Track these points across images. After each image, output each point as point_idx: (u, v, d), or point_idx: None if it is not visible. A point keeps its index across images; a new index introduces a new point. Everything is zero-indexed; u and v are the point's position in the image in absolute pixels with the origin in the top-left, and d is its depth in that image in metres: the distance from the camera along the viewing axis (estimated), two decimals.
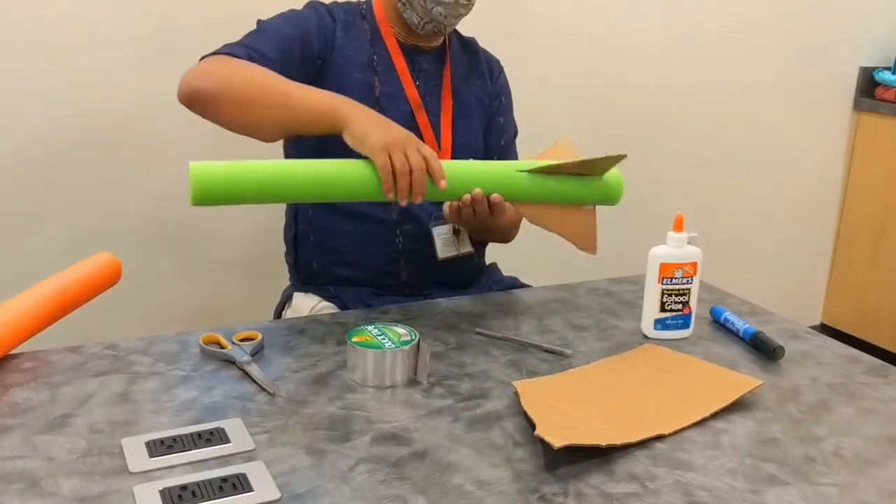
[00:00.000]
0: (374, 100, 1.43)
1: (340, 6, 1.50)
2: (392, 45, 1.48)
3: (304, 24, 1.41)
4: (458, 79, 1.53)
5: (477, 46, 1.61)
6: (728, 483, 0.88)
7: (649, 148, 2.46)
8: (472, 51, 1.59)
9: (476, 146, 1.55)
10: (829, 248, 2.98)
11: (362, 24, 1.49)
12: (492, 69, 1.61)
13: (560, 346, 1.20)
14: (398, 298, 1.42)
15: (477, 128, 1.56)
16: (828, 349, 1.23)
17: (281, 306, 1.57)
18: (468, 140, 1.53)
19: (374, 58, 1.46)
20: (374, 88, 1.44)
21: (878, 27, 2.79)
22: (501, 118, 1.63)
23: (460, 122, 1.52)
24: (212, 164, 1.14)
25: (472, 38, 1.62)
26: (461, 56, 1.56)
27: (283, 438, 0.94)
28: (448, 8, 1.41)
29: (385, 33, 1.48)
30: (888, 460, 0.94)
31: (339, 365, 1.13)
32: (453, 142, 1.50)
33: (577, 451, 0.90)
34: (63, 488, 0.84)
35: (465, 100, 1.54)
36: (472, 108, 1.55)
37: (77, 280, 1.23)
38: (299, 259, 1.53)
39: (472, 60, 1.58)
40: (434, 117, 1.49)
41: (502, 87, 1.62)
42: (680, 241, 1.21)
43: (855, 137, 2.86)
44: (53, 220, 1.81)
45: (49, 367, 1.10)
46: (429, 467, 0.89)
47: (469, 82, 1.55)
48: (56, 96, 1.76)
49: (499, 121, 1.62)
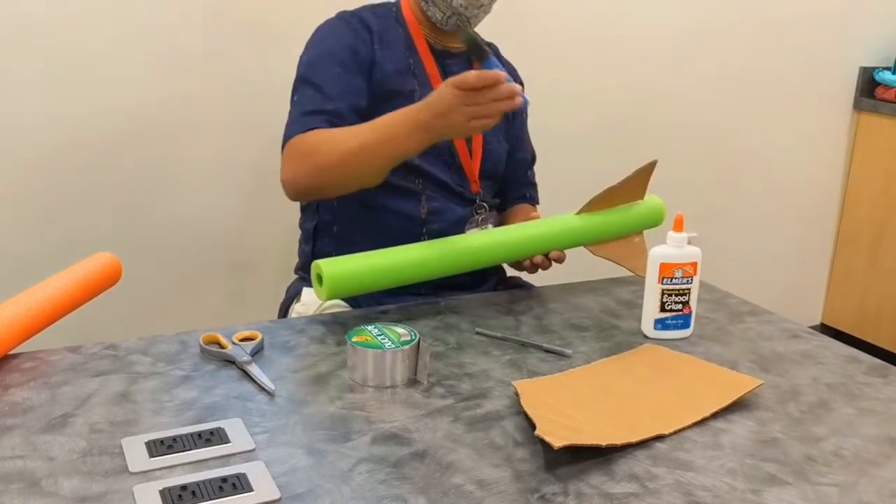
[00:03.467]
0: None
1: (372, 11, 1.50)
2: (423, 48, 1.49)
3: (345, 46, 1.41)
4: None
5: (499, 54, 1.62)
6: (728, 483, 0.88)
7: (649, 148, 2.45)
8: (496, 55, 1.59)
9: (501, 151, 1.58)
10: (829, 248, 2.98)
11: (396, 28, 1.49)
12: (514, 79, 1.60)
13: (560, 346, 1.20)
14: (412, 298, 1.42)
15: (499, 132, 1.58)
16: (828, 349, 1.23)
17: (288, 301, 1.56)
18: (493, 146, 1.55)
19: (410, 62, 1.47)
20: (415, 93, 1.44)
21: (878, 27, 2.79)
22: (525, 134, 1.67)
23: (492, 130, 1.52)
24: (340, 260, 1.25)
25: (493, 44, 1.62)
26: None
27: (283, 438, 0.94)
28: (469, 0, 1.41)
29: (416, 36, 1.49)
30: (888, 460, 0.94)
31: (339, 365, 1.13)
32: (484, 148, 1.52)
33: (577, 451, 0.90)
34: (63, 488, 0.84)
35: None
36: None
37: (77, 280, 1.23)
38: (317, 250, 1.52)
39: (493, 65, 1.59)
40: None
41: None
42: (680, 241, 1.21)
43: (855, 137, 2.86)
44: (53, 220, 1.81)
45: (49, 367, 1.10)
46: (429, 467, 0.89)
47: None
48: (56, 97, 1.76)
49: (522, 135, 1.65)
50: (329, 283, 1.22)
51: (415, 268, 1.30)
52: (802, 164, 2.81)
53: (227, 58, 1.83)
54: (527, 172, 1.69)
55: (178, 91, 1.85)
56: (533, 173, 1.71)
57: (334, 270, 1.23)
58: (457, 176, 1.51)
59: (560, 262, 1.40)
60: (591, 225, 1.42)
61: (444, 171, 1.49)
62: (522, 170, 1.68)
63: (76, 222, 1.82)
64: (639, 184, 1.44)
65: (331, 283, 1.23)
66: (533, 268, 1.41)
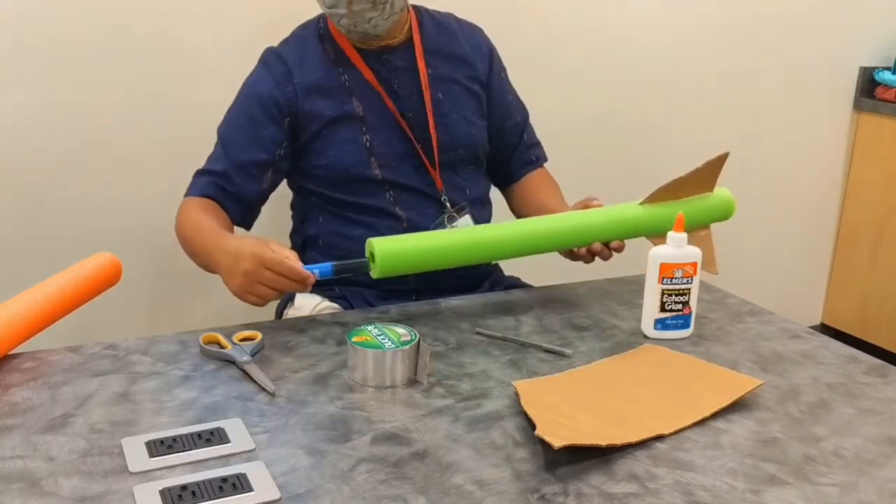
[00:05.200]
0: (360, 129, 1.44)
1: (292, 41, 1.49)
2: (354, 57, 1.45)
3: (259, 97, 1.44)
4: (437, 68, 1.50)
5: (455, 25, 1.56)
6: (728, 483, 0.88)
7: (648, 148, 2.46)
8: (448, 31, 1.54)
9: (472, 137, 1.52)
10: (829, 248, 2.98)
11: (320, 48, 1.46)
12: (477, 48, 1.56)
13: (560, 346, 1.20)
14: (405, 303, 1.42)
15: (472, 117, 1.53)
16: (828, 349, 1.23)
17: (282, 306, 1.57)
18: (462, 133, 1.50)
19: (343, 79, 1.45)
20: (357, 110, 1.44)
21: (878, 27, 2.79)
22: (510, 97, 1.60)
23: (453, 115, 1.49)
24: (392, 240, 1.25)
25: (449, 14, 1.57)
26: (436, 39, 1.52)
27: (283, 438, 0.94)
28: (351, 17, 1.37)
29: (345, 47, 1.45)
30: (888, 460, 0.94)
31: (339, 365, 1.13)
32: (439, 139, 1.48)
33: (577, 451, 0.90)
34: (63, 488, 0.84)
35: (449, 89, 1.50)
36: (461, 97, 1.52)
37: (77, 280, 1.23)
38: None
39: (451, 43, 1.53)
40: (419, 116, 1.47)
41: (493, 65, 1.57)
42: (680, 241, 1.21)
43: (855, 137, 2.86)
44: (53, 220, 1.81)
45: (49, 367, 1.10)
46: (429, 467, 0.89)
47: (451, 69, 1.51)
48: (56, 97, 1.76)
49: (507, 101, 1.59)
50: (381, 260, 1.22)
51: (468, 249, 1.28)
52: (802, 164, 2.81)
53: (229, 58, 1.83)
54: (523, 136, 1.63)
55: (178, 92, 1.85)
56: (531, 132, 1.66)
57: (385, 248, 1.23)
58: (426, 177, 1.48)
59: (619, 251, 1.35)
60: (656, 215, 1.35)
61: (412, 175, 1.47)
62: (517, 136, 1.62)
63: (75, 222, 1.82)
64: (708, 175, 1.37)
65: (382, 260, 1.22)
66: (590, 256, 1.36)
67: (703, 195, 1.39)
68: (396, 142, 1.46)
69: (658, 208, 1.36)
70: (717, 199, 1.40)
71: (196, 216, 1.39)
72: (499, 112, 1.59)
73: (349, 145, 1.44)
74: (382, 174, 1.44)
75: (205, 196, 1.44)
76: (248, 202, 1.47)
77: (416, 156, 1.47)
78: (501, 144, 1.61)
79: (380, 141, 1.45)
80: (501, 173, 1.65)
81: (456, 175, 1.52)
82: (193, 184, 1.47)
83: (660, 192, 1.36)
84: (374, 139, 1.44)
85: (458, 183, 1.51)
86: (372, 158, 1.44)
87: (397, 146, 1.46)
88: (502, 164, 1.63)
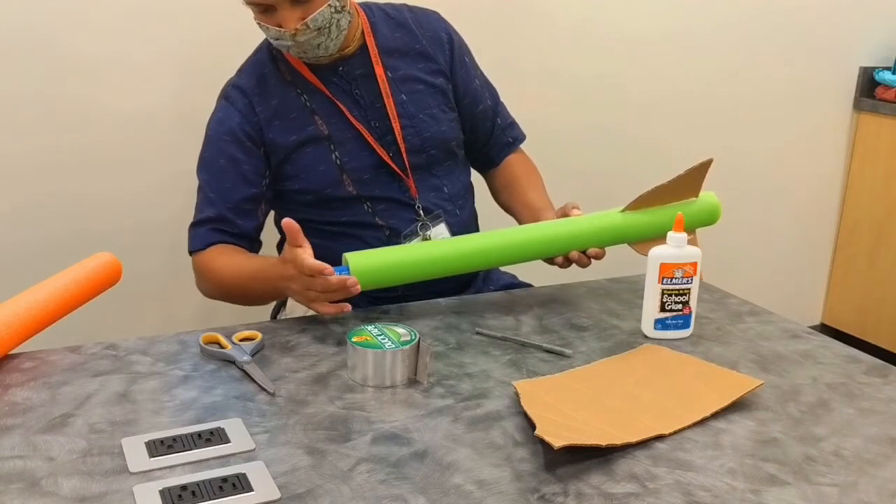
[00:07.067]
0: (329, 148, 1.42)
1: (248, 68, 1.47)
2: (309, 76, 1.43)
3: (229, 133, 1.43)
4: (397, 69, 1.47)
5: (408, 17, 1.52)
6: (728, 483, 0.88)
7: (648, 148, 2.46)
8: (403, 28, 1.50)
9: (442, 134, 1.50)
10: (829, 248, 2.98)
11: (275, 71, 1.44)
12: (435, 39, 1.52)
13: (560, 346, 1.20)
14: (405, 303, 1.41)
15: (440, 114, 1.50)
16: (828, 349, 1.23)
17: (277, 308, 1.57)
18: (431, 132, 1.48)
19: (303, 99, 1.43)
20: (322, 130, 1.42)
21: (878, 27, 2.79)
22: (477, 81, 1.57)
23: (419, 115, 1.47)
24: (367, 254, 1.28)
25: (401, 6, 1.53)
26: (390, 38, 1.49)
27: (283, 438, 0.94)
28: (299, 47, 1.36)
29: (298, 67, 1.44)
30: (888, 460, 0.94)
31: (339, 365, 1.13)
32: (408, 142, 1.46)
33: (577, 451, 0.90)
34: (63, 488, 0.84)
35: (412, 89, 1.48)
36: (425, 95, 1.49)
37: (77, 280, 1.23)
38: None
39: (407, 39, 1.50)
40: (385, 123, 1.45)
41: (455, 52, 1.54)
42: (680, 241, 1.21)
43: (855, 137, 2.86)
44: (53, 220, 1.81)
45: (49, 367, 1.10)
46: (429, 467, 0.89)
47: (411, 67, 1.49)
48: (55, 96, 1.76)
49: (475, 87, 1.57)
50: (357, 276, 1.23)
51: (445, 262, 1.30)
52: (802, 164, 2.81)
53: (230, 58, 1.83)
54: (496, 120, 1.61)
55: (178, 92, 1.85)
56: (504, 112, 1.63)
57: (360, 263, 1.24)
58: (401, 184, 1.47)
59: (599, 258, 1.35)
60: (636, 223, 1.36)
61: (386, 185, 1.46)
62: (490, 120, 1.60)
63: (76, 222, 1.82)
64: (692, 181, 1.37)
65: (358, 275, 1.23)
66: (566, 263, 1.36)
67: (688, 201, 1.39)
68: (366, 154, 1.44)
69: (638, 215, 1.36)
70: (700, 205, 1.40)
71: (228, 263, 1.39)
72: (468, 99, 1.56)
73: (321, 166, 1.43)
74: (357, 190, 1.44)
75: (211, 245, 1.42)
76: (250, 238, 1.46)
77: (387, 165, 1.45)
78: (476, 130, 1.59)
79: (349, 157, 1.43)
80: (481, 159, 1.64)
81: (432, 176, 1.50)
82: (193, 237, 1.44)
83: (642, 198, 1.36)
84: (343, 156, 1.43)
85: (434, 184, 1.50)
86: (344, 175, 1.43)
87: (367, 158, 1.44)
88: (481, 150, 1.62)
